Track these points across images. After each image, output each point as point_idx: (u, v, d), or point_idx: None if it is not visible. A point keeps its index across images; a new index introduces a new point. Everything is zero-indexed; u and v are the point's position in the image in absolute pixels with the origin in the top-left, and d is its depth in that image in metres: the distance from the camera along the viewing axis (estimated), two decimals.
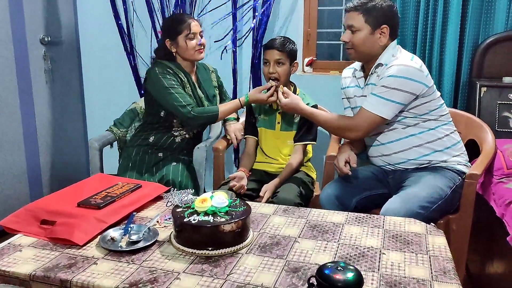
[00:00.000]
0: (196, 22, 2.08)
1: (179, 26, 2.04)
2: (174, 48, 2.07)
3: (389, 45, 1.81)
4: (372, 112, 1.74)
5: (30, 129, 2.65)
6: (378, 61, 1.81)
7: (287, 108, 1.92)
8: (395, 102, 1.73)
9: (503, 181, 1.83)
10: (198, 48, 2.06)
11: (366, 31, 1.77)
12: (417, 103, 1.77)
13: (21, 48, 2.55)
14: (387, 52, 1.81)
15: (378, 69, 1.82)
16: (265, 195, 1.92)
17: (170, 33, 2.06)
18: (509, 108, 2.18)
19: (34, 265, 1.20)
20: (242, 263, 1.22)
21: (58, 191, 1.62)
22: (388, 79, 1.72)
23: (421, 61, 1.80)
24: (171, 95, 2.00)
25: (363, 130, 1.79)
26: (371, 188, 1.89)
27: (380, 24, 1.76)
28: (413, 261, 1.23)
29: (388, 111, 1.74)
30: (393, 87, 1.71)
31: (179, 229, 1.30)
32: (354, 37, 1.78)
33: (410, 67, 1.72)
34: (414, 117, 1.79)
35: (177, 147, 2.16)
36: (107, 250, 1.28)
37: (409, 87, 1.71)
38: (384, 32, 1.77)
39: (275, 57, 1.98)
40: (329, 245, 1.32)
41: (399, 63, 1.73)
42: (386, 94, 1.72)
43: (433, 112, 1.80)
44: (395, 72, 1.71)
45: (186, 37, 2.03)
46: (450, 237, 1.77)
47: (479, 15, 2.34)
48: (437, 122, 1.81)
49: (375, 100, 1.75)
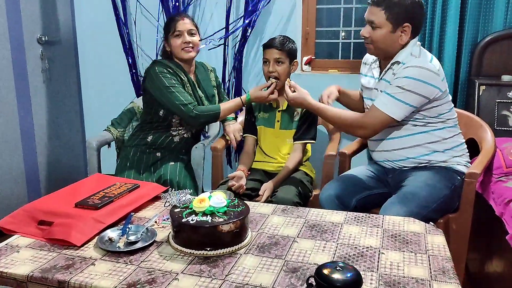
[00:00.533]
0: (185, 20, 2.06)
1: (169, 24, 2.07)
2: (168, 47, 2.08)
3: (409, 42, 1.74)
4: (384, 111, 1.70)
5: (27, 129, 2.64)
6: (395, 58, 1.75)
7: (294, 103, 1.88)
8: (408, 104, 1.67)
9: (502, 179, 1.82)
10: (184, 47, 2.05)
11: (387, 29, 1.69)
12: (428, 106, 1.72)
13: (18, 48, 2.54)
14: (406, 50, 1.74)
15: (394, 66, 1.76)
16: (264, 194, 1.92)
17: (164, 32, 2.10)
18: (508, 106, 2.17)
19: (31, 266, 1.20)
20: (241, 263, 1.21)
21: (56, 192, 1.61)
22: (403, 80, 1.66)
23: (439, 63, 1.74)
24: (172, 94, 1.99)
25: (372, 128, 1.74)
26: (371, 188, 1.89)
27: (402, 22, 1.69)
28: (412, 261, 1.23)
29: (399, 112, 1.69)
30: (408, 89, 1.65)
31: (177, 230, 1.29)
32: (374, 33, 1.72)
33: (428, 70, 1.66)
34: (423, 119, 1.76)
35: (175, 146, 2.15)
36: (105, 250, 1.27)
37: (424, 90, 1.66)
38: (405, 30, 1.70)
39: (274, 56, 1.97)
40: (328, 245, 1.32)
41: (416, 65, 1.67)
42: (400, 95, 1.67)
43: (442, 115, 1.76)
44: (411, 74, 1.65)
45: (173, 35, 2.04)
46: (449, 237, 1.77)
47: (477, 13, 2.34)
48: (444, 124, 1.78)
49: (388, 100, 1.69)
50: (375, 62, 1.89)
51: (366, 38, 1.76)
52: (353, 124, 1.77)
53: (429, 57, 1.74)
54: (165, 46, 2.09)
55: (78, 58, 2.99)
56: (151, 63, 2.13)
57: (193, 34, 2.07)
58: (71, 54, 2.98)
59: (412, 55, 1.72)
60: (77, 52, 2.97)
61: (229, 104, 2.10)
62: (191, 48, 2.07)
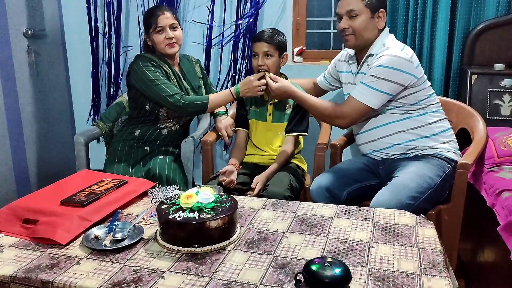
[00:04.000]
0: (166, 15, 2.00)
1: (149, 20, 2.01)
2: (150, 42, 2.05)
3: (381, 34, 1.81)
4: (360, 101, 1.75)
5: (15, 125, 2.59)
6: (369, 51, 1.80)
7: (278, 92, 1.89)
8: (383, 92, 1.73)
9: (494, 170, 1.81)
10: (167, 43, 2.01)
11: (367, 14, 1.76)
12: (405, 93, 1.77)
13: (4, 42, 2.49)
14: (378, 41, 1.80)
15: (368, 59, 1.81)
16: (256, 187, 1.89)
17: (145, 27, 2.05)
18: (500, 95, 2.16)
19: (15, 266, 1.17)
20: (229, 260, 1.19)
21: (41, 189, 1.58)
22: (377, 69, 1.72)
23: (412, 51, 1.78)
24: (158, 86, 1.96)
25: (350, 118, 1.79)
26: (362, 180, 1.88)
27: (378, 7, 1.77)
28: (402, 255, 1.21)
29: (375, 100, 1.74)
30: (381, 77, 1.71)
31: (164, 226, 1.27)
32: (354, 22, 1.77)
33: (400, 57, 1.71)
34: (402, 106, 1.80)
35: (164, 139, 2.12)
36: (91, 249, 1.24)
37: (398, 78, 1.71)
38: (380, 16, 1.79)
39: (263, 49, 1.94)
40: (317, 240, 1.30)
41: (389, 53, 1.72)
42: (374, 84, 1.72)
43: (422, 101, 1.80)
44: (384, 62, 1.71)
45: (154, 31, 2.00)
46: (442, 228, 1.76)
47: (469, 1, 2.31)
48: (425, 110, 1.81)
49: (364, 89, 1.75)
50: (351, 58, 1.93)
51: (346, 29, 1.79)
52: (331, 114, 1.83)
53: (401, 46, 1.79)
54: (146, 40, 2.05)
55: (66, 52, 2.93)
56: (134, 57, 2.09)
57: (175, 28, 2.03)
58: (59, 47, 2.92)
59: (384, 46, 1.78)
60: (65, 45, 2.92)
61: (218, 95, 2.06)
62: (174, 43, 2.03)
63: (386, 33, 1.83)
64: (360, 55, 1.87)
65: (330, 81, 2.16)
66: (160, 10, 2.02)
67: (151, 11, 2.06)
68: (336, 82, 2.14)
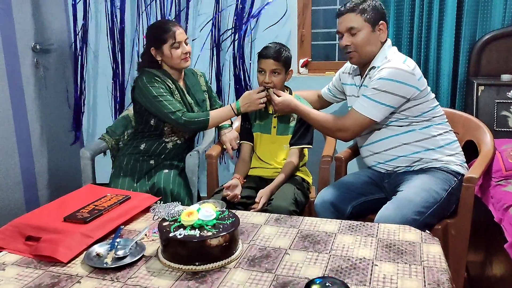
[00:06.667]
0: (181, 30, 2.04)
1: (163, 34, 2.00)
2: (159, 57, 2.04)
3: (383, 46, 1.80)
4: (361, 113, 1.75)
5: (23, 137, 2.62)
6: (372, 63, 1.80)
7: (282, 106, 1.89)
8: (385, 104, 1.72)
9: (502, 183, 1.78)
10: (184, 57, 2.03)
11: (368, 29, 1.76)
12: (408, 105, 1.75)
13: (12, 56, 2.52)
14: (380, 54, 1.79)
15: (371, 72, 1.80)
16: (261, 201, 1.88)
17: (155, 42, 2.03)
18: (507, 106, 2.13)
19: (16, 285, 1.17)
20: (230, 278, 1.18)
21: (46, 205, 1.59)
22: (378, 82, 1.71)
23: (414, 63, 1.77)
24: (160, 103, 1.97)
25: (352, 130, 1.79)
26: (367, 193, 1.86)
27: (377, 20, 1.77)
28: (406, 273, 1.19)
29: (377, 113, 1.73)
30: (383, 89, 1.70)
31: (165, 244, 1.27)
32: (356, 38, 1.77)
33: (401, 70, 1.70)
34: (406, 119, 1.78)
35: (169, 153, 2.13)
36: (92, 267, 1.24)
37: (400, 90, 1.70)
38: (381, 29, 1.78)
39: (271, 67, 1.93)
40: (320, 257, 1.28)
41: (390, 66, 1.71)
42: (376, 97, 1.71)
43: (426, 114, 1.78)
44: (386, 75, 1.70)
45: (171, 46, 2.00)
46: (448, 242, 1.73)
47: (475, 11, 2.29)
48: (429, 122, 1.80)
49: (365, 102, 1.74)
50: (355, 70, 1.93)
51: (348, 46, 1.79)
52: (333, 127, 1.83)
53: (402, 58, 1.78)
54: (153, 55, 2.06)
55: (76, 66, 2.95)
56: (139, 73, 2.10)
57: (187, 43, 2.06)
58: (68, 61, 2.96)
59: (386, 58, 1.77)
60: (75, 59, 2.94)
61: (219, 111, 2.06)
62: (188, 57, 2.06)
63: (388, 45, 1.82)
64: (363, 68, 1.86)
65: (335, 93, 2.16)
66: (174, 25, 2.03)
67: (164, 26, 2.04)
68: (340, 94, 2.13)
